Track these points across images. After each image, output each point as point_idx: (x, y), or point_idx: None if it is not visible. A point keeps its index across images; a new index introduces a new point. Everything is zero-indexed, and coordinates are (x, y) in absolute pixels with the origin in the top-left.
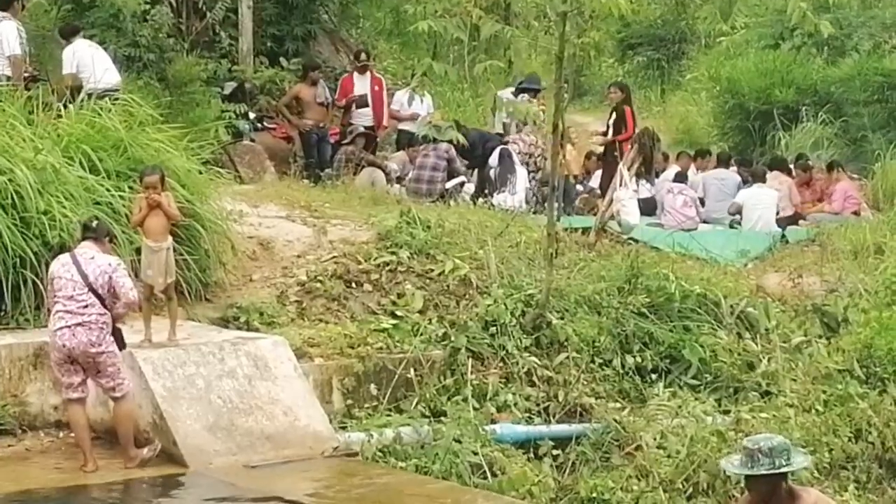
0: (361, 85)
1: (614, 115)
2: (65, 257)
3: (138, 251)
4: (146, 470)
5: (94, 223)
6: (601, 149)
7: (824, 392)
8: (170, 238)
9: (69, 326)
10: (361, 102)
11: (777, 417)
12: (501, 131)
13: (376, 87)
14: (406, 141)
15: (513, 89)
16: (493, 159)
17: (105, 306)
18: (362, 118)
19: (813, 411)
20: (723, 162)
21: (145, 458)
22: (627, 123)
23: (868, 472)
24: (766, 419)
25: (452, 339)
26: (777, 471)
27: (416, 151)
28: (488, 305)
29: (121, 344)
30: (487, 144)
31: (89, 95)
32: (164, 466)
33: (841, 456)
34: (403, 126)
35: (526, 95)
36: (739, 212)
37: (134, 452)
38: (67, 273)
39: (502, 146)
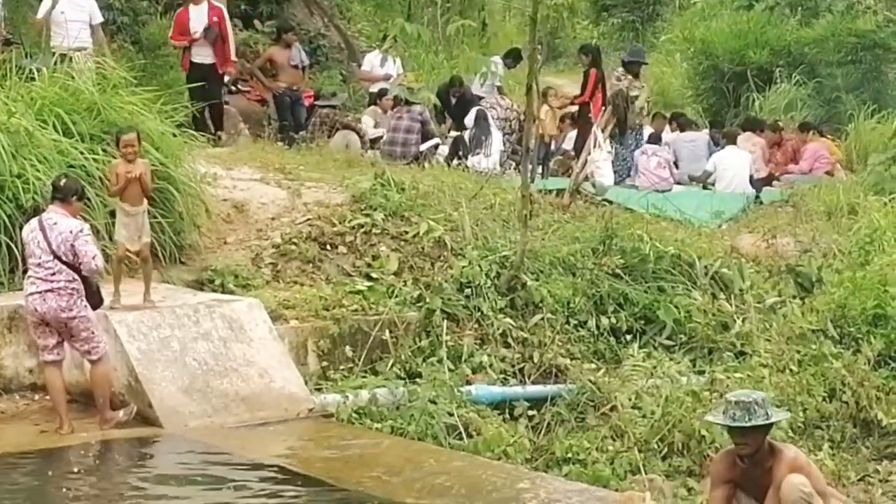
0: (198, 18)
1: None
2: (33, 223)
3: (112, 214)
4: (122, 431)
5: (62, 182)
6: (576, 110)
7: (798, 352)
8: (145, 202)
9: (40, 292)
10: (211, 35)
11: (751, 377)
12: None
13: (215, 18)
14: (376, 96)
15: (496, 57)
16: (469, 120)
17: (76, 270)
18: (202, 56)
19: (787, 371)
20: (688, 125)
21: (121, 421)
22: (587, 87)
23: (842, 431)
24: (741, 379)
25: (427, 300)
26: (771, 420)
27: (388, 101)
28: (463, 267)
29: (98, 300)
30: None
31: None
32: (140, 428)
33: (815, 415)
34: (374, 88)
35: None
36: (710, 178)
37: (110, 415)
38: (35, 240)
39: (478, 108)
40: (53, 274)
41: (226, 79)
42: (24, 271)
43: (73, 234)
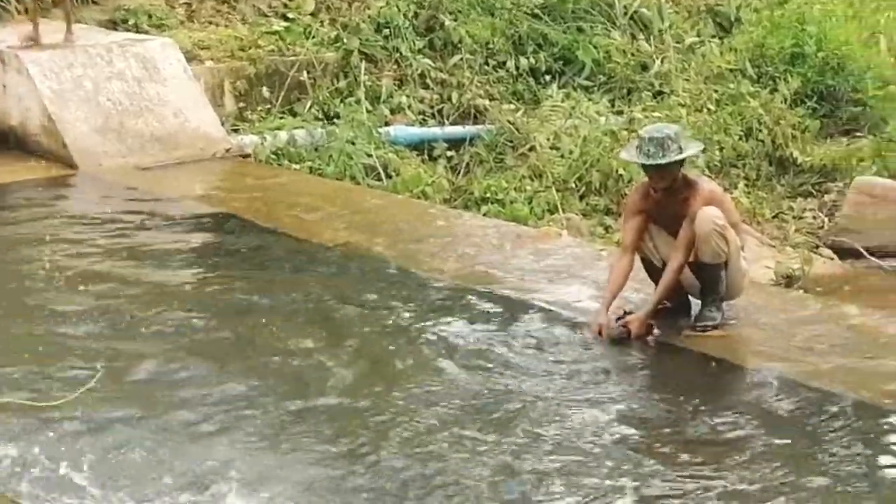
0: None
1: None
2: None
3: None
4: (36, 172)
5: None
6: None
7: (716, 91)
8: None
9: None
10: None
11: (669, 117)
12: None
13: None
14: None
15: None
16: None
17: None
18: None
19: (705, 110)
20: None
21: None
22: None
23: (758, 169)
24: (659, 119)
25: (345, 41)
26: (684, 155)
27: None
28: (381, 7)
29: None
30: None
31: None
32: (54, 167)
33: (731, 154)
34: None
35: None
36: None
37: None
38: None
39: None
40: None
41: None
42: None
43: None
